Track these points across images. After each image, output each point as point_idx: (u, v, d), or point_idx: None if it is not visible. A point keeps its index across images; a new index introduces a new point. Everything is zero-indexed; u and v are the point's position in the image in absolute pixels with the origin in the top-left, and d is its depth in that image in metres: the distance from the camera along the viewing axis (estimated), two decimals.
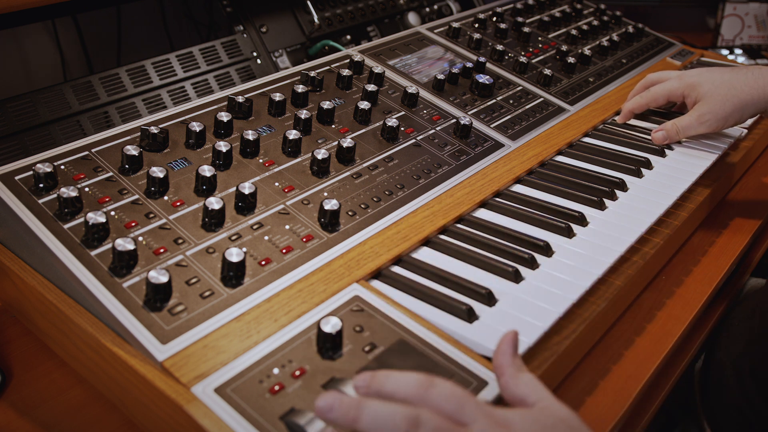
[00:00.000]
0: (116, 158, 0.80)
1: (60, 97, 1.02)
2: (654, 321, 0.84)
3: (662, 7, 2.18)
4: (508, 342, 0.59)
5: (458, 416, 0.51)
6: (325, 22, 1.35)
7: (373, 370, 0.56)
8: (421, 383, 0.53)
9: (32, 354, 0.78)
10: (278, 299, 0.69)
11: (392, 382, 0.54)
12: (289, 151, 0.87)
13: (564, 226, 0.85)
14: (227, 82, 1.19)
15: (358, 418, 0.50)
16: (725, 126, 1.03)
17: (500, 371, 0.58)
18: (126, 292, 0.66)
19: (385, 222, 0.81)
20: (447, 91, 1.10)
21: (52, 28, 1.22)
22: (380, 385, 0.54)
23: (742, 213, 1.08)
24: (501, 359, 0.58)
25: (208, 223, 0.74)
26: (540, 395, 0.56)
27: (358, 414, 0.50)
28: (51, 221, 0.71)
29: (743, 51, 1.89)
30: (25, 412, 0.71)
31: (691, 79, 1.06)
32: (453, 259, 0.80)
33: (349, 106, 0.99)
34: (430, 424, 0.50)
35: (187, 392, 0.59)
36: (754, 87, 0.99)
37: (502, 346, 0.59)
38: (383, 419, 0.50)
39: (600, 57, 1.35)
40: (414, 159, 0.93)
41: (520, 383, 0.57)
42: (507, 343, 0.59)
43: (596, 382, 0.75)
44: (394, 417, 0.50)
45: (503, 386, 0.58)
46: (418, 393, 0.52)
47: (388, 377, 0.54)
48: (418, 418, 0.49)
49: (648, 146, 1.06)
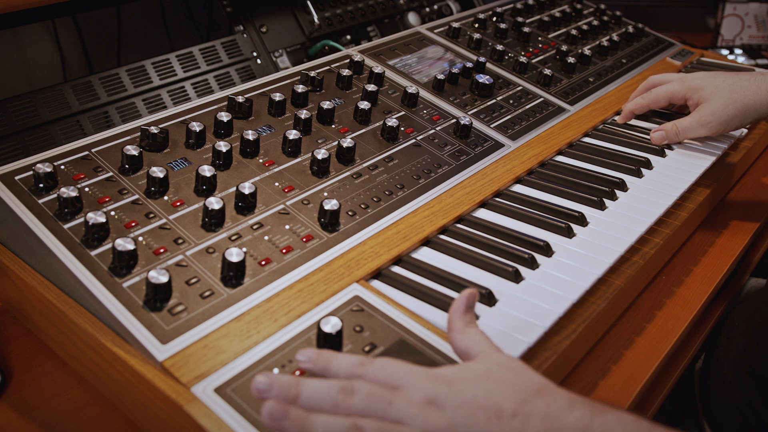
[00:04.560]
0: (116, 158, 0.80)
1: (60, 97, 1.02)
2: (654, 321, 0.84)
3: (662, 7, 2.18)
4: (462, 300, 0.61)
5: (393, 381, 0.54)
6: (325, 22, 1.36)
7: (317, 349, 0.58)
8: (360, 362, 0.56)
9: (32, 354, 0.78)
10: (278, 299, 0.69)
11: (335, 362, 0.56)
12: (289, 151, 0.87)
13: (564, 226, 0.85)
14: (227, 82, 1.19)
15: (299, 394, 0.53)
16: (726, 130, 1.03)
17: (449, 326, 0.61)
18: (126, 292, 0.66)
19: (385, 222, 0.81)
20: (447, 91, 1.10)
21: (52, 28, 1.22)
22: (325, 362, 0.57)
23: (742, 213, 1.08)
24: (452, 315, 0.61)
25: (208, 223, 0.74)
26: (482, 347, 0.58)
27: (298, 390, 0.54)
28: (51, 221, 0.71)
29: (743, 51, 1.89)
30: (25, 412, 0.71)
31: (693, 82, 1.05)
32: (453, 259, 0.80)
33: (349, 106, 0.99)
34: (364, 390, 0.53)
35: (187, 392, 0.59)
36: (757, 92, 0.99)
37: (455, 303, 0.61)
38: (321, 392, 0.53)
39: (600, 57, 1.35)
40: (414, 159, 0.93)
41: (465, 337, 0.59)
42: (460, 300, 0.61)
43: (596, 382, 0.75)
44: (330, 389, 0.53)
45: (451, 340, 0.60)
46: (355, 370, 0.55)
47: (334, 357, 0.57)
48: (351, 386, 0.53)
49: (648, 146, 1.06)
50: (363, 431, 0.51)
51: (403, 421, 0.51)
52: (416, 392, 0.52)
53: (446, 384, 0.53)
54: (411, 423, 0.51)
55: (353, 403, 0.53)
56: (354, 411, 0.53)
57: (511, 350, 0.66)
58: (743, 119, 1.01)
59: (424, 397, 0.52)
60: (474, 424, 0.50)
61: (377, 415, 0.52)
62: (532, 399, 0.51)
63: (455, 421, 0.51)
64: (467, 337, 0.59)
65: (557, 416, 0.50)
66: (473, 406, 0.51)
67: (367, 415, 0.52)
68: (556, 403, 0.51)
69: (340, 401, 0.53)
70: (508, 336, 0.68)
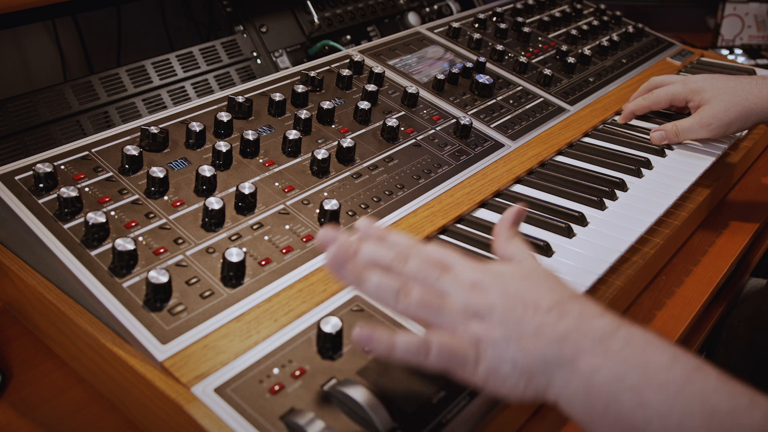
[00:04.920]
0: (116, 158, 0.80)
1: (60, 97, 1.02)
2: (654, 321, 0.84)
3: (662, 7, 2.18)
4: (510, 213, 0.66)
5: (444, 262, 0.59)
6: (325, 22, 1.36)
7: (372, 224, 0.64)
8: (415, 242, 0.61)
9: (32, 354, 0.78)
10: (278, 299, 0.69)
11: (392, 237, 0.62)
12: (289, 151, 0.87)
13: (564, 226, 0.85)
14: (227, 82, 1.19)
15: (358, 251, 0.59)
16: (727, 132, 1.02)
17: (496, 234, 0.64)
18: (126, 292, 0.66)
19: (385, 222, 0.81)
20: (447, 91, 1.10)
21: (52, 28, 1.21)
22: (383, 234, 0.62)
23: (742, 213, 1.08)
24: (499, 225, 0.65)
25: (208, 223, 0.74)
26: (525, 256, 0.62)
27: (358, 248, 0.60)
28: (51, 221, 0.71)
29: (743, 51, 1.89)
30: (25, 412, 0.71)
31: (695, 84, 1.05)
32: None
33: (349, 106, 0.99)
34: (417, 260, 0.58)
35: (187, 392, 0.59)
36: (759, 96, 0.99)
37: (504, 215, 0.66)
38: (378, 253, 0.59)
39: (600, 57, 1.35)
40: (414, 159, 0.93)
41: (510, 245, 0.63)
42: (509, 213, 0.66)
43: None
44: (387, 253, 0.59)
45: (496, 247, 0.64)
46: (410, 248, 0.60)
47: (390, 233, 0.63)
48: (407, 254, 0.59)
49: (648, 146, 1.06)
50: (410, 294, 0.56)
51: (448, 294, 0.56)
52: (464, 274, 0.57)
53: (492, 274, 0.58)
54: (454, 297, 0.56)
55: (406, 268, 0.58)
56: (405, 275, 0.58)
57: None
58: (744, 122, 1.01)
59: (470, 280, 0.57)
60: (511, 310, 0.55)
61: (425, 283, 0.57)
62: (567, 301, 0.56)
63: (495, 304, 0.55)
64: (512, 245, 0.63)
65: (587, 318, 0.54)
66: (514, 296, 0.56)
67: (416, 281, 0.57)
68: (588, 308, 0.55)
69: (394, 265, 0.58)
70: None
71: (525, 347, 0.53)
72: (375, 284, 0.57)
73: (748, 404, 0.49)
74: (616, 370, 0.51)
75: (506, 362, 0.54)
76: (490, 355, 0.54)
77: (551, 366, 0.53)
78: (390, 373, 0.62)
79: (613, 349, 0.52)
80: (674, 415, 0.49)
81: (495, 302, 0.55)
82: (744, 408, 0.49)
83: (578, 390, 0.52)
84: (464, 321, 0.55)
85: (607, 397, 0.51)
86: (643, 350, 0.52)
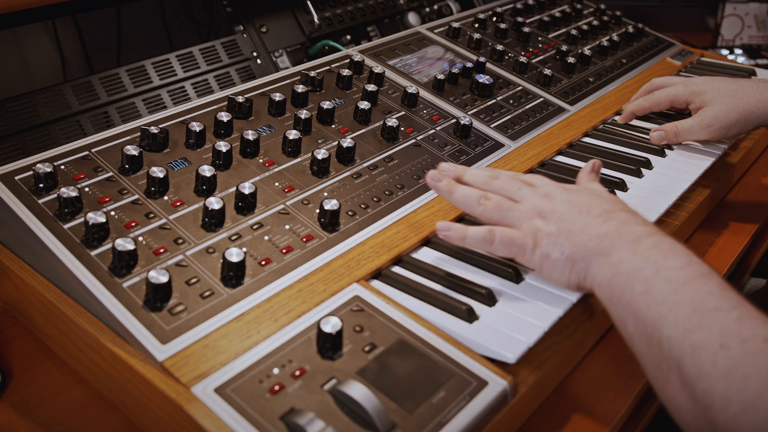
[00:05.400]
0: (116, 158, 0.80)
1: (60, 97, 1.03)
2: None
3: (662, 7, 2.18)
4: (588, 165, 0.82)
5: (529, 180, 0.75)
6: (325, 22, 1.36)
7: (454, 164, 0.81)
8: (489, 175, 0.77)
9: (32, 354, 0.78)
10: (278, 299, 0.69)
11: (469, 173, 0.78)
12: (289, 151, 0.87)
13: None
14: (227, 82, 1.19)
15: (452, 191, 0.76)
16: (727, 135, 1.02)
17: (578, 179, 0.80)
18: (126, 292, 0.66)
19: (385, 222, 0.81)
20: (447, 91, 1.10)
21: (52, 28, 1.22)
22: (461, 172, 0.79)
23: (742, 213, 1.08)
24: (581, 173, 0.81)
25: (208, 223, 0.74)
26: (598, 186, 0.77)
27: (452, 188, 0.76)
28: (51, 221, 0.71)
29: (743, 51, 1.89)
30: (25, 412, 0.71)
31: (696, 86, 1.05)
32: (453, 259, 0.80)
33: (349, 106, 0.99)
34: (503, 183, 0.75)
35: (187, 392, 0.59)
36: (760, 99, 0.99)
37: (585, 165, 0.82)
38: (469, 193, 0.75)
39: (600, 57, 1.35)
40: (414, 159, 0.93)
41: (588, 183, 0.78)
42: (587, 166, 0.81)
43: (596, 382, 0.75)
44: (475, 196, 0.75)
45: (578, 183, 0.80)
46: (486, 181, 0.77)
47: (467, 170, 0.79)
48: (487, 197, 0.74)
49: (648, 146, 1.06)
50: (489, 199, 0.73)
51: (522, 199, 0.73)
52: (542, 188, 0.73)
53: (564, 189, 0.73)
54: (527, 202, 0.72)
55: (494, 183, 0.75)
56: (491, 188, 0.75)
57: (511, 350, 0.66)
58: (744, 125, 1.01)
59: (545, 191, 0.73)
60: (568, 213, 0.70)
61: (507, 193, 0.74)
62: (617, 211, 0.69)
63: (558, 209, 0.70)
64: (591, 182, 0.78)
65: (629, 224, 0.67)
66: (575, 204, 0.70)
67: (498, 192, 0.74)
68: (633, 218, 0.68)
69: (486, 181, 0.76)
70: (508, 336, 0.68)
71: (572, 239, 0.68)
72: (462, 193, 0.75)
73: (731, 306, 0.57)
74: (637, 263, 0.63)
75: (556, 250, 0.68)
76: (544, 243, 0.69)
77: (590, 255, 0.66)
78: (390, 373, 0.62)
79: (640, 248, 0.64)
80: (668, 304, 0.59)
81: (558, 207, 0.70)
82: (725, 308, 0.57)
83: (606, 276, 0.65)
84: (529, 218, 0.71)
85: (624, 283, 0.63)
86: (664, 253, 0.63)
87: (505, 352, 0.66)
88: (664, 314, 0.59)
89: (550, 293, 0.74)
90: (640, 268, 0.62)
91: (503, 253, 0.72)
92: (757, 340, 0.54)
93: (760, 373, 0.52)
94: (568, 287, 0.70)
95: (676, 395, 0.58)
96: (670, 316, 0.58)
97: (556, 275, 0.69)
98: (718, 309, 0.57)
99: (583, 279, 0.67)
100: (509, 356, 0.65)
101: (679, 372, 0.57)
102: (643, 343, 0.61)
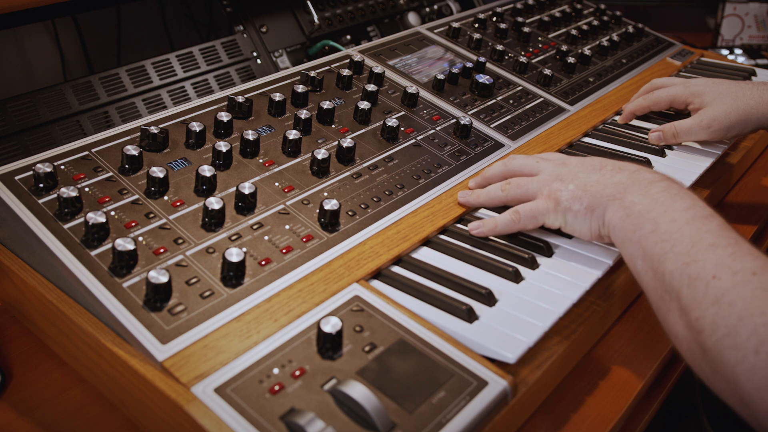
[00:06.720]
0: (116, 158, 0.80)
1: (60, 97, 1.03)
2: (654, 320, 0.84)
3: (662, 7, 2.18)
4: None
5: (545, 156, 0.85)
6: (325, 22, 1.36)
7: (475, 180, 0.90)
8: (503, 163, 0.87)
9: (32, 354, 0.78)
10: (278, 299, 0.69)
11: (489, 171, 0.89)
12: (289, 151, 0.87)
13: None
14: (227, 82, 1.19)
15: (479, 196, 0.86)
16: (727, 136, 1.02)
17: None
18: (126, 292, 0.66)
19: (385, 222, 0.81)
20: (447, 91, 1.10)
21: (52, 28, 1.22)
22: (483, 176, 0.89)
23: (742, 213, 1.08)
24: None
25: (208, 223, 0.74)
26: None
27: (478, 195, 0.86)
28: (51, 221, 0.71)
29: (743, 51, 1.89)
30: (25, 412, 0.71)
31: (696, 87, 1.05)
32: (453, 259, 0.80)
33: (349, 106, 0.99)
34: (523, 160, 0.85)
35: (187, 392, 0.59)
36: (760, 101, 0.99)
37: None
38: (490, 189, 0.85)
39: (600, 57, 1.35)
40: (414, 159, 0.93)
41: None
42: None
43: (596, 382, 0.75)
44: (497, 187, 0.84)
45: None
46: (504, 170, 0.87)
47: (486, 170, 0.89)
48: (508, 182, 0.84)
49: (648, 146, 1.06)
50: (510, 183, 0.83)
51: (541, 170, 0.82)
52: (559, 158, 0.83)
53: (575, 157, 0.82)
54: (546, 171, 0.81)
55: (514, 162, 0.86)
56: (511, 168, 0.86)
57: (511, 350, 0.66)
58: (744, 127, 1.01)
59: (562, 159, 0.82)
60: (584, 170, 0.78)
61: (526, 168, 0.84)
62: (629, 166, 0.77)
63: (574, 172, 0.78)
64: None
65: (642, 172, 0.75)
66: (587, 164, 0.79)
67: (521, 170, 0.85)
68: (644, 169, 0.76)
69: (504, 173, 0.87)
70: (508, 336, 0.68)
71: (589, 190, 0.75)
72: (485, 192, 0.85)
73: (726, 244, 0.63)
74: (647, 204, 0.70)
75: (576, 203, 0.76)
76: (564, 199, 0.76)
77: (606, 201, 0.74)
78: (390, 373, 0.62)
79: (651, 191, 0.71)
80: (671, 240, 0.65)
81: (575, 170, 0.79)
82: (721, 245, 0.63)
83: (621, 218, 0.72)
84: (548, 183, 0.79)
85: (635, 223, 0.70)
86: (672, 196, 0.70)
87: (505, 352, 0.66)
88: (668, 250, 0.65)
89: (551, 293, 0.74)
90: (650, 209, 0.69)
91: (533, 226, 0.80)
92: (746, 272, 0.60)
93: (744, 300, 0.58)
94: (590, 238, 0.77)
95: (676, 323, 0.64)
96: (673, 251, 0.64)
97: (579, 228, 0.77)
98: (715, 245, 0.63)
99: (602, 224, 0.74)
100: (509, 356, 0.65)
101: (678, 302, 0.63)
102: (649, 277, 0.67)
